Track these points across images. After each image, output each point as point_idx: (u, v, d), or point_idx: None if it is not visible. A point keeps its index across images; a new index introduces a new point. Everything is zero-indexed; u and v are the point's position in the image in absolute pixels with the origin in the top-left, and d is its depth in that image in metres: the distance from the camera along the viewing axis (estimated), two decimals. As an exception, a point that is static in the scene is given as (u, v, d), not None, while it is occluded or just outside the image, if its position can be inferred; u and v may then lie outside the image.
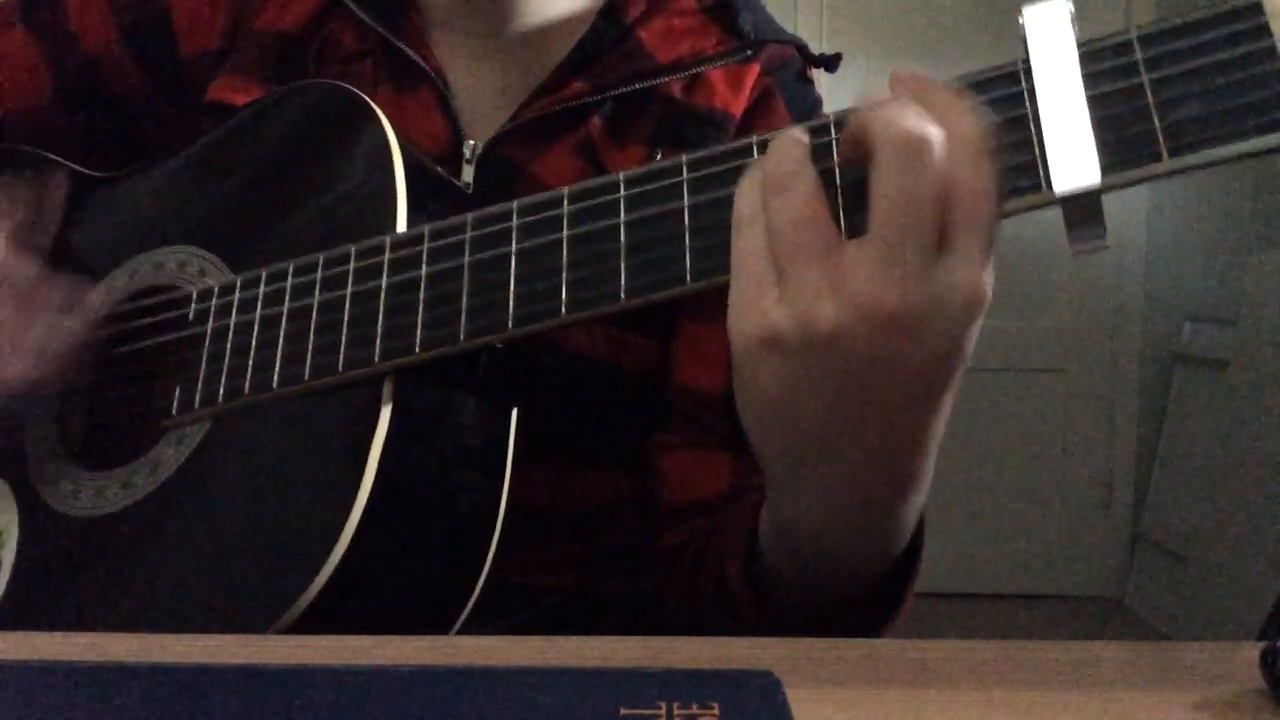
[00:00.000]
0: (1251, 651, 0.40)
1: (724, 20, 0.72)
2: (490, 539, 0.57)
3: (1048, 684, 0.41)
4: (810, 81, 0.75)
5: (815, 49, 0.75)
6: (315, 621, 0.50)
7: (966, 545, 3.19)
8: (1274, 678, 0.39)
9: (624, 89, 0.69)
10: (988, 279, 0.42)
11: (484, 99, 0.72)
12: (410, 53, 0.70)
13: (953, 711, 0.38)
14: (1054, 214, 0.44)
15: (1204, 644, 0.44)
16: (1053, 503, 3.23)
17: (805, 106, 0.73)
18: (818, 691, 0.39)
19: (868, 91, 0.45)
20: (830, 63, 0.74)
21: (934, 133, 0.41)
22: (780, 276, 0.43)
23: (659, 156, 0.68)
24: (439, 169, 0.65)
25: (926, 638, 0.45)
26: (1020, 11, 0.44)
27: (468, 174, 0.69)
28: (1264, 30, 0.41)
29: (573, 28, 0.71)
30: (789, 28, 0.77)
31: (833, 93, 0.73)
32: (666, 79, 0.70)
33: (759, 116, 0.71)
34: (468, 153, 0.69)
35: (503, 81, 0.72)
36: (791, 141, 0.44)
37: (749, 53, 0.71)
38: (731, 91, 0.71)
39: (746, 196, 0.44)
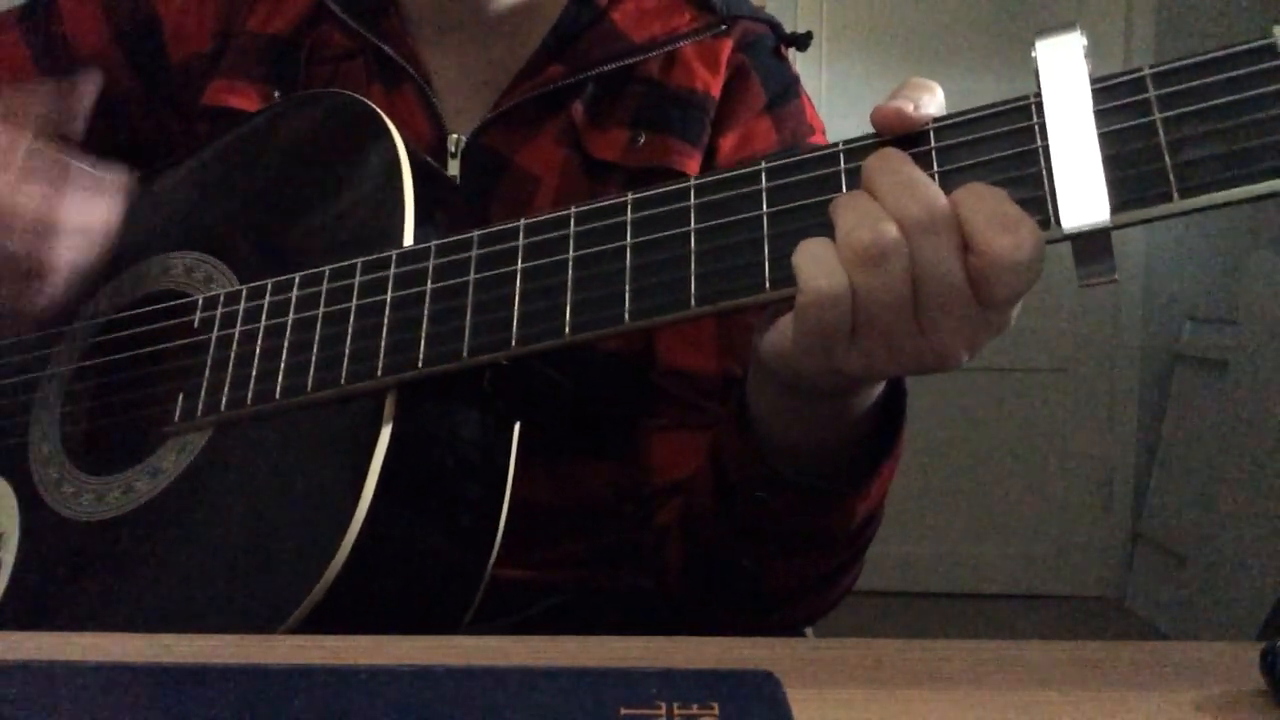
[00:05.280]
0: (1251, 651, 0.40)
1: None
2: (490, 550, 0.57)
3: (1048, 684, 0.41)
4: (784, 59, 0.75)
5: (816, 46, 0.76)
6: (313, 631, 0.50)
7: (966, 545, 3.18)
8: (1274, 678, 0.39)
9: (602, 68, 0.69)
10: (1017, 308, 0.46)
11: (465, 92, 0.72)
12: (390, 51, 0.71)
13: (953, 711, 0.38)
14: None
15: (1204, 644, 0.44)
16: (1053, 503, 3.22)
17: (781, 84, 0.73)
18: (818, 691, 0.39)
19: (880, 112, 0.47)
20: (801, 41, 0.75)
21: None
22: (854, 335, 0.45)
23: (642, 139, 0.69)
24: (438, 167, 0.65)
25: (926, 638, 0.45)
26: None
27: (453, 168, 0.69)
28: (1278, 72, 0.40)
29: (546, 14, 0.72)
30: (791, 28, 0.77)
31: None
32: (643, 57, 0.70)
33: (736, 93, 0.72)
34: (452, 147, 0.69)
35: (482, 73, 0.72)
36: (882, 218, 0.44)
37: (723, 27, 0.72)
38: (709, 70, 0.71)
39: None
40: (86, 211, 0.59)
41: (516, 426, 0.59)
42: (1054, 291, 3.11)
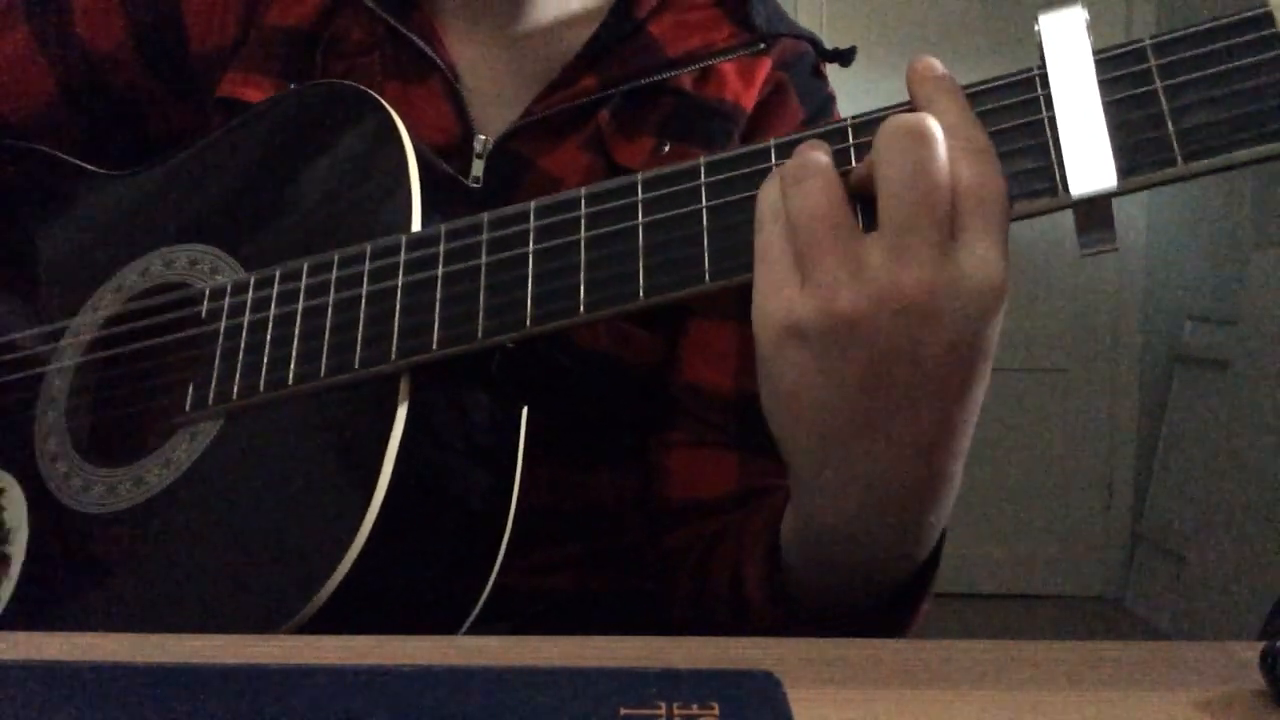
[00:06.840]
0: (1251, 651, 0.40)
1: (737, 14, 0.72)
2: (501, 539, 0.58)
3: (1048, 684, 0.41)
4: (823, 76, 0.75)
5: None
6: (327, 622, 0.50)
7: (966, 545, 3.18)
8: (1274, 678, 0.39)
9: (635, 83, 0.69)
10: (1004, 270, 0.43)
11: (494, 92, 0.72)
12: (419, 42, 0.70)
13: (953, 711, 0.38)
14: (1055, 216, 0.45)
15: (1204, 644, 0.44)
16: (1053, 503, 3.23)
17: (818, 101, 0.73)
18: (818, 691, 0.39)
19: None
20: (844, 57, 0.75)
21: (931, 123, 0.43)
22: (802, 268, 0.44)
23: (667, 148, 0.69)
24: (447, 167, 0.65)
25: (926, 638, 0.45)
26: (1026, 11, 0.45)
27: (478, 168, 0.69)
28: (1274, 40, 0.42)
29: (585, 23, 0.72)
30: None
31: (833, 91, 0.74)
32: (676, 73, 0.70)
33: (773, 110, 0.71)
34: (479, 147, 0.69)
35: (513, 76, 0.72)
36: (810, 142, 0.46)
37: (762, 46, 0.72)
38: (743, 84, 0.71)
39: (768, 194, 0.46)
40: None
41: (524, 413, 0.59)
42: (1054, 292, 3.12)
